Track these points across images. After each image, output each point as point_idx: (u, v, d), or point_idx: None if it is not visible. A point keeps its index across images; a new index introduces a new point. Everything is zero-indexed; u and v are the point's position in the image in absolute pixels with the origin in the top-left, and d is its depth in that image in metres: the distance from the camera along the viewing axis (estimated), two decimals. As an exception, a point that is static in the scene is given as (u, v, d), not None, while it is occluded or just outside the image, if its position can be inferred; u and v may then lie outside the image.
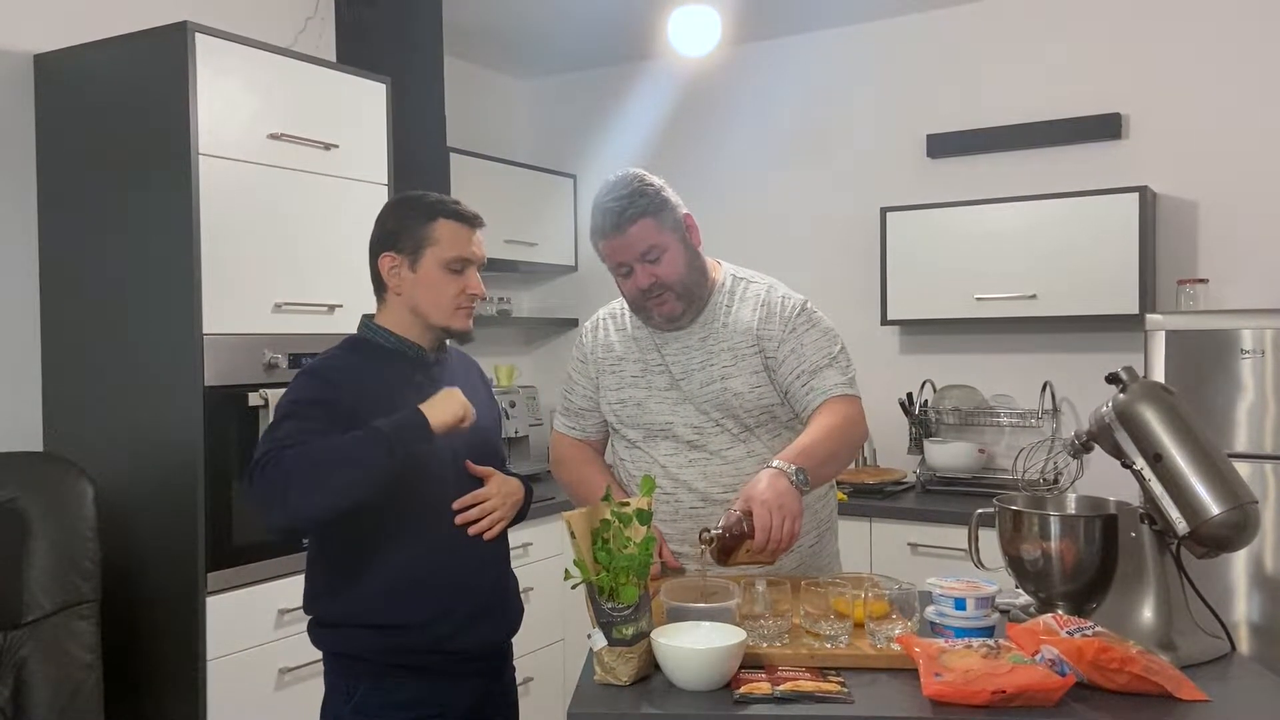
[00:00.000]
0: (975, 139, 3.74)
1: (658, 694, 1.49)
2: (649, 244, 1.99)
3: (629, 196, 1.99)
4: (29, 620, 2.22)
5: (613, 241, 2.00)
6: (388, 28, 3.40)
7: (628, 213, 1.97)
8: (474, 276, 1.87)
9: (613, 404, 2.12)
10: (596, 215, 2.01)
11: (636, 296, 2.03)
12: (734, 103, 4.24)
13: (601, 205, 2.00)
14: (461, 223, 1.86)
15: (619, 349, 2.14)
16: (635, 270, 2.00)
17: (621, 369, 2.12)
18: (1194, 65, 3.42)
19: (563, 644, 3.61)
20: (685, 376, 2.05)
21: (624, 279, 2.03)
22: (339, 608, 1.80)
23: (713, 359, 2.04)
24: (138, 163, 2.53)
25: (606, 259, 2.04)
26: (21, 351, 2.71)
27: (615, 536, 1.58)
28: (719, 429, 2.03)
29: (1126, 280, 3.23)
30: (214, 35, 2.49)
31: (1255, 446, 2.81)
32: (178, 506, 2.46)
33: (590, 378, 2.17)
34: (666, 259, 2.00)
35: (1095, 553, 1.73)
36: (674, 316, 2.03)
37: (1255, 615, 2.81)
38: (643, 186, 2.01)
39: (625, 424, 2.11)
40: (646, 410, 2.07)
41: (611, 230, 1.99)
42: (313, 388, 1.77)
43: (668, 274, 2.00)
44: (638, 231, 1.98)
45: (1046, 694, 1.39)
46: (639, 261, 1.99)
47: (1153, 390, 1.75)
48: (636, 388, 2.09)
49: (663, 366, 2.08)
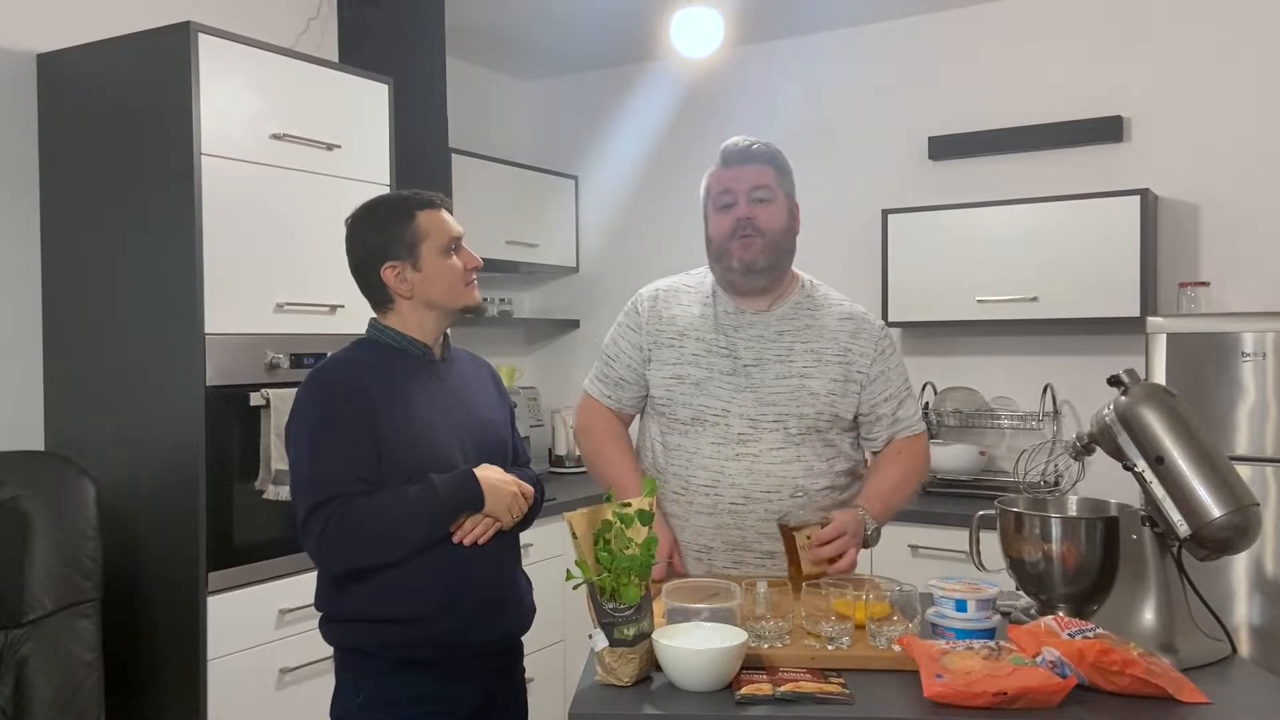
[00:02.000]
0: (977, 141, 3.74)
1: (659, 695, 1.49)
2: (764, 183, 2.04)
3: (762, 145, 2.08)
4: (30, 619, 2.22)
5: (731, 170, 2.05)
6: (390, 28, 3.40)
7: (757, 150, 2.06)
8: (467, 251, 1.91)
9: (666, 379, 2.08)
10: (725, 148, 2.08)
11: (727, 232, 2.04)
12: (736, 104, 4.24)
13: (733, 141, 2.08)
14: (434, 208, 1.89)
15: (682, 323, 2.11)
16: (739, 203, 2.03)
17: (682, 344, 2.09)
18: (1195, 68, 3.42)
19: (563, 644, 3.61)
20: (758, 364, 2.03)
21: (723, 213, 2.05)
22: (347, 604, 1.81)
23: (793, 354, 2.04)
24: (140, 162, 2.53)
25: (713, 189, 2.08)
26: (23, 350, 2.71)
27: (617, 537, 1.58)
28: (776, 426, 2.01)
29: (1128, 283, 3.23)
30: (217, 35, 2.49)
31: (1256, 449, 2.81)
32: (179, 506, 2.46)
33: (641, 349, 2.13)
34: (773, 208, 2.04)
35: (1096, 555, 1.73)
36: (753, 265, 2.03)
37: (1256, 618, 2.81)
38: (770, 145, 2.10)
39: (675, 403, 2.06)
40: (704, 391, 2.04)
41: (735, 159, 2.05)
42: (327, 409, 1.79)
43: (768, 221, 2.03)
44: (758, 169, 2.05)
45: (1047, 696, 1.39)
46: (746, 196, 2.03)
47: (1154, 393, 1.75)
48: (697, 366, 2.06)
49: (728, 350, 2.05)
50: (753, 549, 2.03)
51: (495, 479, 1.82)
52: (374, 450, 1.76)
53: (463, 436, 1.86)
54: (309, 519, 1.73)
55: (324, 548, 1.74)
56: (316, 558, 1.78)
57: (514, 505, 1.83)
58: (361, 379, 1.82)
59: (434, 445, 1.81)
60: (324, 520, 1.72)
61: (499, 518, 1.81)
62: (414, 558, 1.77)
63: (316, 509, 1.72)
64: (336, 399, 1.79)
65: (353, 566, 1.79)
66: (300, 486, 1.77)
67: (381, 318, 1.92)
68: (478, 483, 1.79)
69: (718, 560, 2.04)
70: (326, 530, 1.72)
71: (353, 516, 1.72)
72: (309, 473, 1.76)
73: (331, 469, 1.74)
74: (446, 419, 1.86)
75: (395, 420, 1.79)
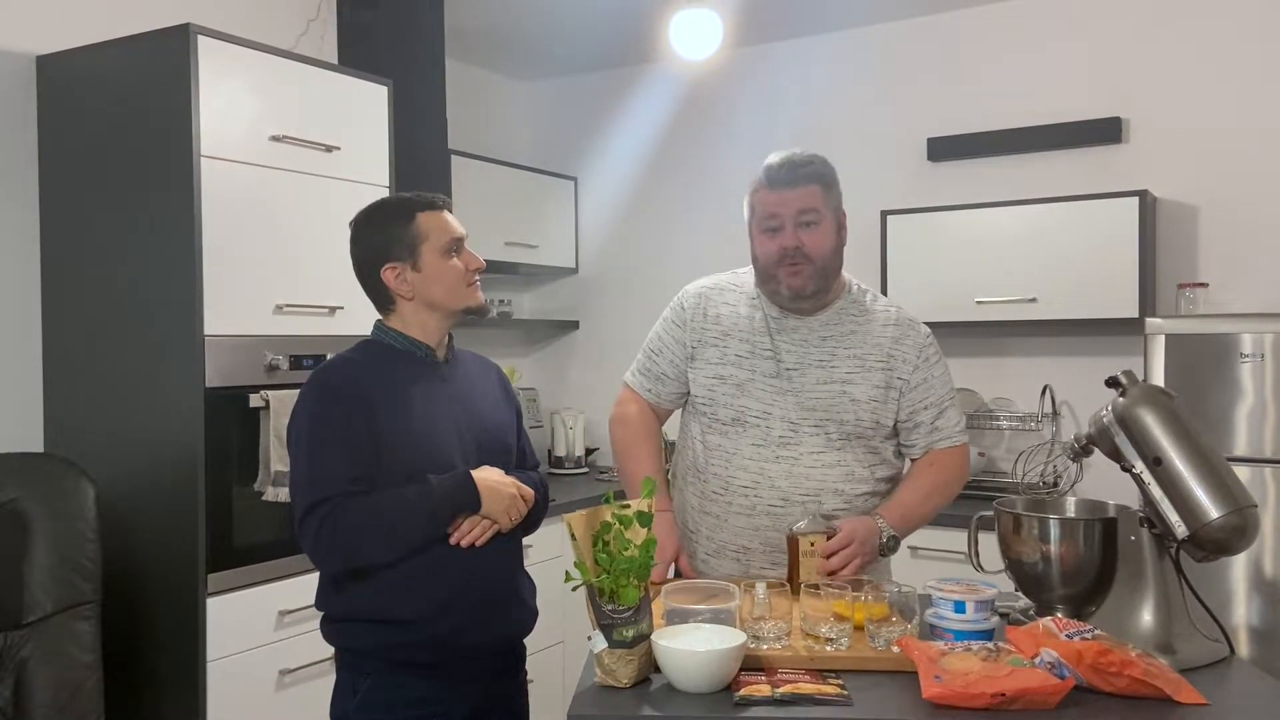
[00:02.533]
0: (976, 143, 3.75)
1: (658, 696, 1.49)
2: (811, 205, 1.99)
3: (811, 159, 2.02)
4: (30, 621, 2.23)
5: (779, 193, 1.99)
6: (389, 30, 3.41)
7: (804, 170, 2.00)
8: (469, 252, 1.91)
9: (708, 379, 2.08)
10: (770, 166, 2.01)
11: (774, 258, 2.00)
12: (735, 106, 4.24)
13: (780, 158, 2.01)
14: (435, 209, 1.90)
15: (726, 323, 2.10)
16: (785, 228, 1.98)
17: (726, 344, 2.08)
18: (1194, 69, 3.43)
19: (563, 646, 3.61)
20: (799, 369, 2.02)
21: (768, 236, 2.00)
22: (346, 604, 1.82)
23: (835, 360, 2.03)
24: (140, 164, 2.53)
25: (758, 209, 2.02)
26: (23, 352, 2.71)
27: (616, 538, 1.58)
28: (817, 430, 2.01)
29: (1126, 284, 3.23)
30: (216, 37, 2.50)
31: (1255, 450, 2.82)
32: (178, 507, 2.47)
33: (685, 346, 2.12)
34: (819, 231, 2.00)
35: (1095, 556, 1.74)
36: (802, 292, 2.00)
37: (1254, 619, 2.81)
38: (824, 159, 2.05)
39: (716, 404, 2.06)
40: (746, 393, 2.03)
41: (783, 181, 1.99)
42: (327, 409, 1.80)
43: (815, 246, 1.99)
44: (806, 191, 1.99)
45: (1046, 697, 1.39)
46: (793, 221, 1.98)
47: (1152, 394, 1.75)
48: (739, 368, 2.05)
49: (771, 352, 2.04)
50: None
51: (494, 481, 1.82)
52: (373, 451, 1.76)
53: (464, 438, 1.87)
54: (306, 518, 1.74)
55: (320, 547, 1.75)
56: (313, 557, 1.79)
57: (512, 508, 1.83)
58: (361, 380, 1.82)
59: (434, 447, 1.82)
60: (320, 519, 1.72)
61: (497, 520, 1.82)
62: (412, 558, 1.77)
63: (313, 508, 1.73)
64: (336, 399, 1.80)
65: (349, 566, 1.79)
66: (298, 486, 1.78)
67: (385, 319, 1.92)
68: (474, 484, 1.79)
69: (755, 561, 2.03)
70: (323, 529, 1.72)
71: (349, 516, 1.72)
72: (307, 472, 1.77)
73: (329, 469, 1.75)
74: (448, 421, 1.86)
75: (395, 421, 1.79)
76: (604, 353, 4.51)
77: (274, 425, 2.53)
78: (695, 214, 4.31)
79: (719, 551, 2.08)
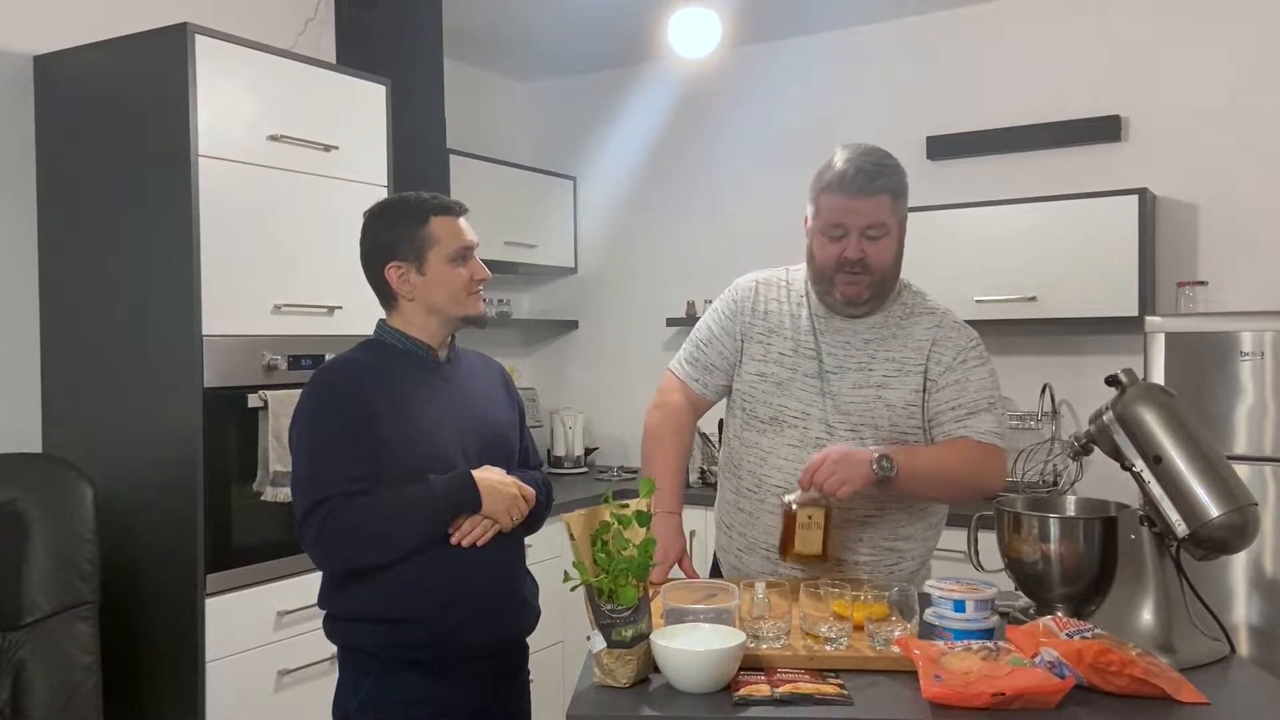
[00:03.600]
0: (975, 141, 3.74)
1: (657, 696, 1.49)
2: (880, 220, 1.92)
3: (887, 167, 1.94)
4: (28, 622, 2.22)
5: (850, 201, 1.90)
6: (388, 30, 3.40)
7: (879, 181, 1.91)
8: (476, 262, 1.91)
9: (750, 376, 2.05)
10: (844, 169, 1.91)
11: (832, 265, 1.94)
12: (734, 105, 4.24)
13: (855, 161, 1.91)
14: (451, 215, 1.89)
15: (774, 319, 2.06)
16: (850, 238, 1.92)
17: (771, 342, 2.05)
18: (1194, 67, 3.42)
19: (562, 646, 3.61)
20: (838, 371, 1.99)
21: (831, 241, 1.93)
22: (347, 603, 1.82)
23: (874, 364, 1.99)
24: (137, 164, 2.53)
25: (823, 214, 1.94)
26: (21, 352, 2.71)
27: (614, 538, 1.58)
28: (853, 434, 1.96)
29: (1126, 282, 3.23)
30: (214, 37, 2.49)
31: (1255, 449, 2.81)
32: (177, 508, 2.46)
33: (735, 338, 2.08)
34: (884, 243, 1.94)
35: (1095, 555, 1.73)
36: (856, 301, 1.96)
37: (1255, 618, 2.81)
38: (897, 164, 1.96)
39: (757, 401, 2.03)
40: (785, 392, 2.00)
41: (857, 190, 1.90)
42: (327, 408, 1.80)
43: (877, 258, 1.93)
44: (878, 202, 1.91)
45: (1046, 696, 1.39)
46: (860, 232, 1.91)
47: (1152, 392, 1.75)
48: (781, 366, 2.02)
49: (814, 352, 2.01)
50: None
51: (494, 480, 1.82)
52: (374, 451, 1.76)
53: (465, 438, 1.87)
54: (307, 518, 1.75)
55: (321, 547, 1.75)
56: (314, 557, 1.79)
57: (513, 507, 1.83)
58: (362, 380, 1.83)
59: (435, 446, 1.82)
60: (321, 519, 1.73)
61: (498, 519, 1.81)
62: (413, 558, 1.77)
63: (314, 508, 1.74)
64: (336, 399, 1.80)
65: (350, 566, 1.79)
66: (299, 487, 1.78)
67: (389, 318, 1.93)
68: (475, 484, 1.79)
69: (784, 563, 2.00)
70: (324, 530, 1.73)
71: (349, 515, 1.73)
72: (308, 473, 1.77)
73: (330, 468, 1.75)
74: (449, 420, 1.86)
75: (395, 421, 1.79)
76: (603, 352, 4.51)
77: (273, 425, 2.53)
78: (694, 213, 4.31)
79: (750, 548, 2.07)
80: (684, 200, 4.35)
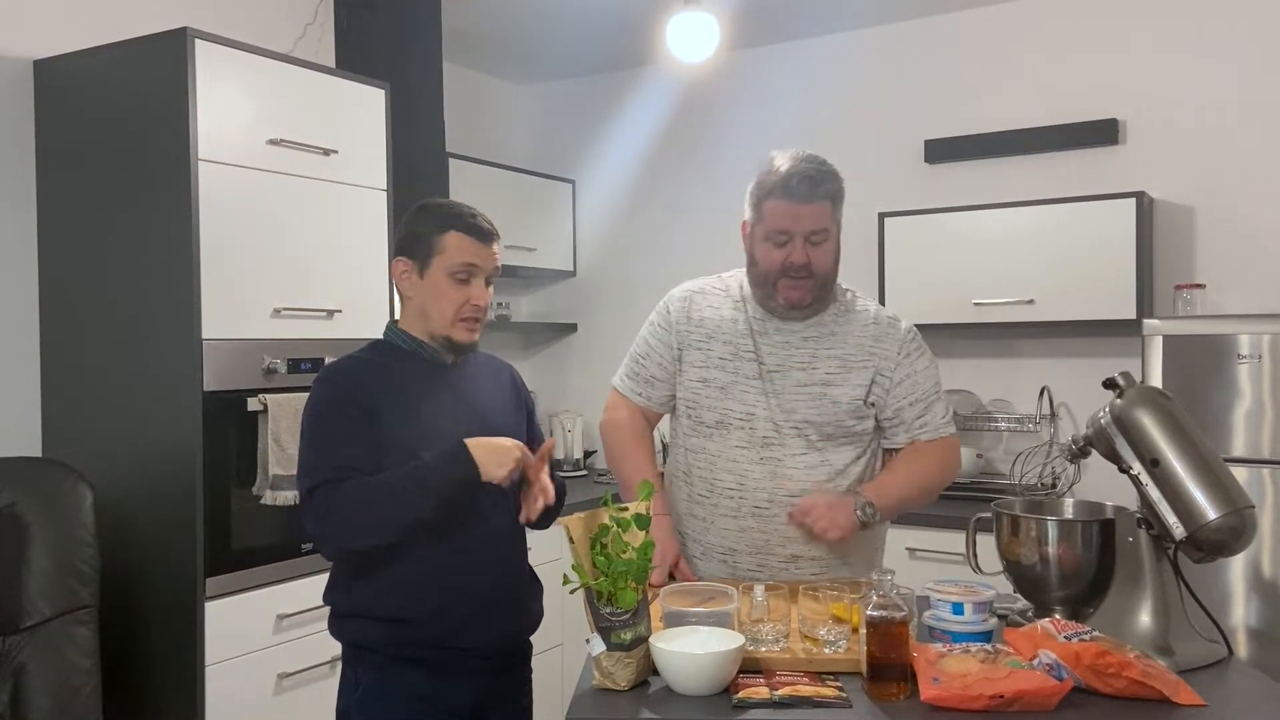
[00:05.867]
0: (973, 144, 3.75)
1: (656, 699, 1.49)
2: (822, 225, 1.97)
3: (828, 173, 1.99)
4: (27, 625, 2.22)
5: (795, 206, 1.95)
6: (387, 33, 3.41)
7: (823, 187, 1.96)
8: (479, 287, 1.89)
9: (692, 382, 2.08)
10: (788, 175, 1.95)
11: (776, 269, 1.98)
12: (732, 108, 4.25)
13: (797, 169, 1.96)
14: (473, 237, 1.88)
15: (710, 325, 2.09)
16: (794, 244, 1.96)
17: (710, 348, 2.08)
18: (1191, 71, 3.43)
19: (561, 649, 3.60)
20: (780, 370, 2.02)
21: (775, 247, 1.98)
22: (349, 600, 1.84)
23: (816, 362, 2.03)
24: (137, 168, 2.53)
25: (767, 219, 1.98)
26: (21, 356, 2.71)
27: (613, 541, 1.58)
28: (797, 432, 2.00)
29: (1124, 285, 3.24)
30: (213, 41, 2.50)
31: (1252, 451, 2.82)
32: (176, 511, 2.46)
33: (672, 348, 2.12)
34: (826, 247, 1.99)
35: (1093, 557, 1.74)
36: (800, 305, 2.00)
37: (1252, 620, 2.81)
38: (836, 170, 2.01)
39: (701, 407, 2.07)
40: (729, 395, 2.03)
41: (802, 196, 1.94)
42: (330, 402, 1.82)
43: (820, 262, 1.98)
44: (821, 208, 1.96)
45: (1044, 699, 1.39)
46: (804, 237, 1.96)
47: (1150, 395, 1.75)
48: (723, 370, 2.05)
49: (754, 354, 2.04)
50: (776, 552, 2.02)
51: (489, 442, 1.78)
52: (374, 447, 1.78)
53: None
54: (305, 503, 1.77)
55: (319, 529, 1.76)
56: (317, 542, 1.80)
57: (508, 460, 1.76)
58: (365, 378, 1.85)
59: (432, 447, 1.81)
60: (319, 501, 1.74)
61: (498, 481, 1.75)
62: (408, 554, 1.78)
63: (311, 492, 1.76)
64: (337, 394, 1.83)
65: (352, 547, 1.79)
66: (300, 474, 1.81)
67: (400, 319, 1.94)
68: (467, 449, 1.75)
69: (742, 563, 2.03)
70: (321, 511, 1.74)
71: (343, 494, 1.74)
72: (308, 459, 1.80)
73: (327, 455, 1.77)
74: (449, 422, 1.86)
75: (396, 420, 1.80)
76: (602, 355, 4.50)
77: (272, 429, 2.53)
78: (693, 216, 4.31)
79: (706, 554, 2.09)
80: (683, 203, 4.35)
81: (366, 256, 2.82)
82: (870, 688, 1.47)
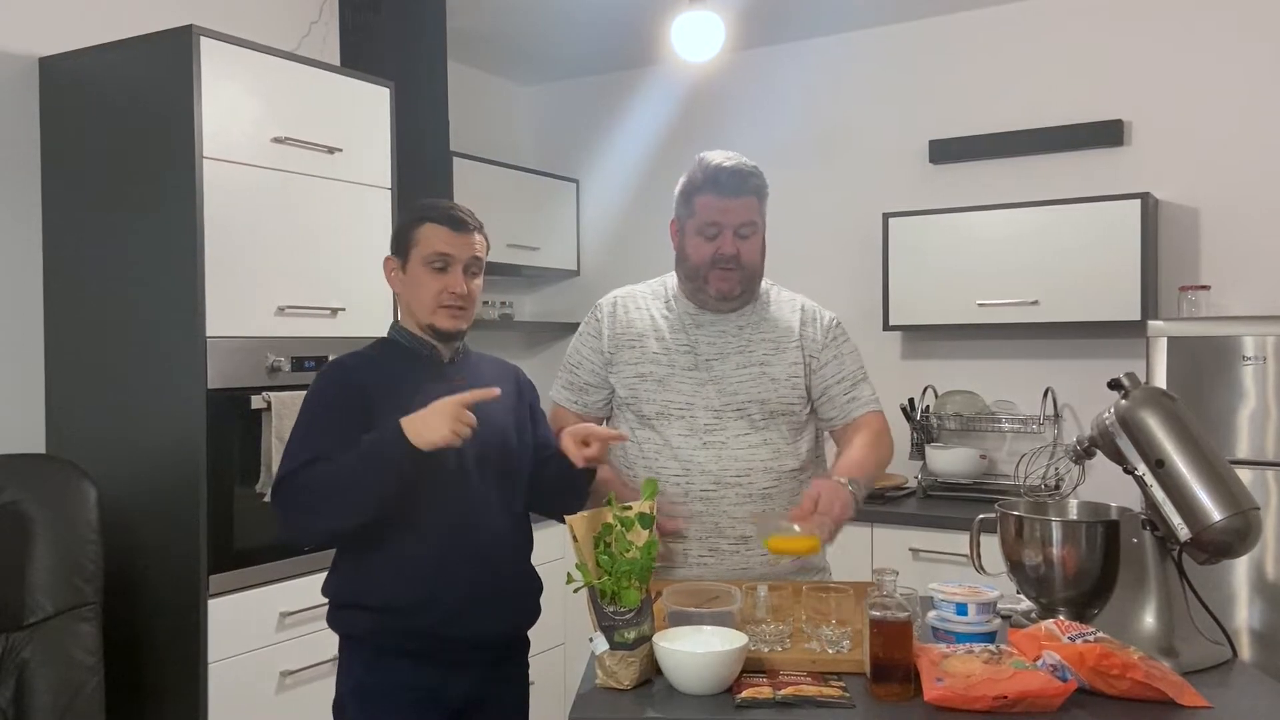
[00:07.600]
0: (978, 145, 3.75)
1: (659, 698, 1.49)
2: (750, 219, 2.07)
3: (753, 171, 2.09)
4: (31, 622, 2.23)
5: (724, 201, 2.05)
6: (392, 33, 3.41)
7: (750, 182, 2.08)
8: (456, 276, 1.90)
9: (629, 379, 2.13)
10: (716, 172, 2.06)
11: (707, 261, 2.07)
12: (737, 108, 4.24)
13: (724, 165, 2.07)
14: (447, 226, 1.91)
15: (639, 326, 2.16)
16: (724, 236, 2.06)
17: (643, 345, 2.14)
18: (1196, 72, 3.43)
19: (564, 648, 3.61)
20: (719, 357, 2.09)
21: (706, 241, 2.07)
22: (343, 589, 1.87)
23: (752, 346, 2.11)
24: (142, 166, 2.54)
25: (699, 212, 2.08)
26: (25, 353, 2.71)
27: (617, 540, 1.58)
28: (739, 414, 2.06)
29: (1128, 286, 3.23)
30: (219, 39, 2.50)
31: (1257, 453, 2.81)
32: (180, 509, 2.46)
33: (603, 354, 2.18)
34: (753, 240, 2.09)
35: (1097, 559, 1.73)
36: (730, 295, 2.09)
37: (1257, 621, 2.80)
38: (758, 168, 2.12)
39: (641, 400, 2.11)
40: (667, 387, 2.09)
41: (731, 190, 2.06)
42: (329, 386, 1.87)
43: (748, 254, 2.08)
44: (749, 202, 2.08)
45: (1048, 700, 1.39)
46: (733, 230, 2.06)
47: (1154, 396, 1.75)
48: (658, 364, 2.11)
49: (688, 347, 2.11)
50: (726, 535, 2.04)
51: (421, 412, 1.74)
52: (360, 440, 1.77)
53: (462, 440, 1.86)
54: (274, 494, 1.80)
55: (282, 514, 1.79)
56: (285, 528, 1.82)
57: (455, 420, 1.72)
58: (362, 373, 1.88)
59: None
60: (284, 489, 1.78)
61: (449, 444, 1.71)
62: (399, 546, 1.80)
63: (280, 482, 1.79)
64: (333, 387, 1.86)
65: (318, 530, 1.82)
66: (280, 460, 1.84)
67: (400, 319, 1.98)
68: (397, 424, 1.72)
69: (693, 549, 2.05)
70: (286, 498, 1.77)
71: (302, 479, 1.76)
72: (289, 447, 1.82)
73: (306, 447, 1.79)
74: None
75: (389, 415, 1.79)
76: (605, 355, 4.51)
77: (276, 427, 2.53)
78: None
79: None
80: (686, 203, 4.35)
81: (371, 255, 2.82)
82: (874, 688, 1.47)
